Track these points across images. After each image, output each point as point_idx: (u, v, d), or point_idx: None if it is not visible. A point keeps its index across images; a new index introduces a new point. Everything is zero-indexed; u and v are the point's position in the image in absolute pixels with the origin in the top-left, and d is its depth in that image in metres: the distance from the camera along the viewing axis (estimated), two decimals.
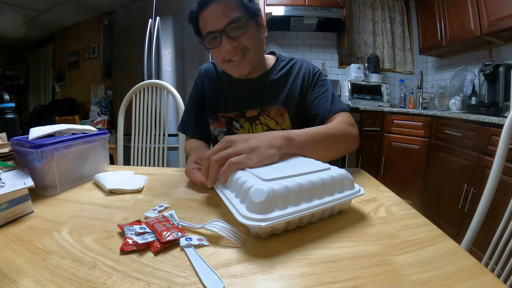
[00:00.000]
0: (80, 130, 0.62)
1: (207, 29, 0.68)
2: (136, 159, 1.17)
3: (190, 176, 0.58)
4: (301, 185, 0.37)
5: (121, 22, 2.19)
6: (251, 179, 0.38)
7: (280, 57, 0.85)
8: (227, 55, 0.70)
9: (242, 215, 0.35)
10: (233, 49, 0.68)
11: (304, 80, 0.79)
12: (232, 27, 0.66)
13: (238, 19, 0.66)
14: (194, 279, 0.28)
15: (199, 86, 0.88)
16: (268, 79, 0.80)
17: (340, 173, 0.41)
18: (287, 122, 0.79)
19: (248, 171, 0.42)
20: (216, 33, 0.67)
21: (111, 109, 2.60)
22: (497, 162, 0.64)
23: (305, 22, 2.60)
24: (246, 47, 0.70)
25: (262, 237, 0.36)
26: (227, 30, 0.66)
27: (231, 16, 0.65)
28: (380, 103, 2.55)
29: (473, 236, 0.65)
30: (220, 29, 0.66)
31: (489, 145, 1.40)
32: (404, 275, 0.29)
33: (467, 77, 2.17)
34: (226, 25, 0.65)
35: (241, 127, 0.82)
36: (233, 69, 0.73)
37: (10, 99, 1.02)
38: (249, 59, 0.72)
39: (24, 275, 0.28)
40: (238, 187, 0.39)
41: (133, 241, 0.33)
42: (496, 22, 1.71)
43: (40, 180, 0.50)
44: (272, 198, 0.35)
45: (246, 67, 0.72)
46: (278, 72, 0.81)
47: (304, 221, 0.39)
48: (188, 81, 1.91)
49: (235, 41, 0.67)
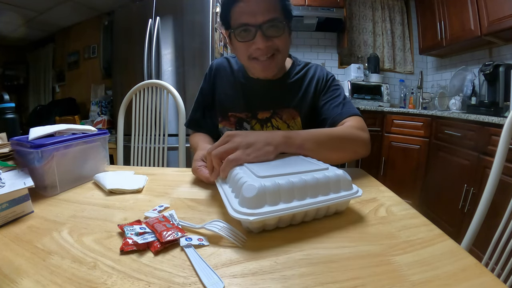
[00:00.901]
0: (80, 130, 0.62)
1: (242, 20, 0.65)
2: (136, 159, 1.17)
3: (197, 174, 0.59)
4: (293, 183, 0.38)
5: (121, 22, 2.18)
6: (246, 175, 0.40)
7: (296, 60, 0.84)
8: (255, 52, 0.67)
9: (234, 209, 0.36)
10: (266, 48, 0.66)
11: (318, 84, 0.79)
12: (269, 26, 0.64)
13: (278, 19, 0.64)
14: (194, 279, 0.28)
15: (209, 82, 0.86)
16: (285, 82, 0.79)
17: (337, 174, 0.41)
18: (298, 126, 0.79)
19: (246, 167, 0.43)
20: (251, 27, 0.64)
21: (111, 109, 2.60)
22: (497, 162, 0.64)
23: (305, 22, 2.60)
24: (278, 49, 0.68)
25: (254, 232, 0.38)
26: (264, 27, 0.64)
27: (272, 15, 0.63)
28: (380, 103, 2.55)
29: (473, 236, 0.65)
30: (257, 24, 0.63)
31: (489, 145, 1.40)
32: (404, 275, 0.29)
33: (467, 77, 2.16)
34: (265, 22, 0.63)
35: (251, 128, 0.80)
36: (259, 68, 0.71)
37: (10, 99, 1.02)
38: (277, 61, 0.70)
39: (24, 275, 0.28)
40: (234, 182, 0.41)
41: (133, 241, 0.33)
42: (496, 22, 1.71)
43: (40, 180, 0.50)
44: (263, 194, 0.36)
45: (274, 69, 0.71)
46: (294, 76, 0.80)
47: (297, 220, 0.40)
48: (188, 81, 1.91)
49: (269, 41, 0.65)
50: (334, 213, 0.43)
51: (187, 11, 1.90)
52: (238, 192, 0.38)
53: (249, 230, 0.38)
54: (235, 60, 0.86)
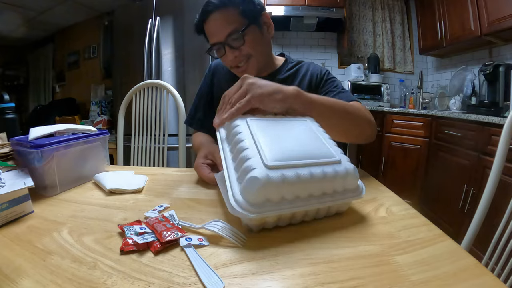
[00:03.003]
0: (80, 130, 0.62)
1: (212, 41, 0.72)
2: (136, 159, 1.17)
3: (199, 171, 0.59)
4: (300, 178, 0.36)
5: (121, 22, 2.18)
6: (253, 155, 0.37)
7: (289, 59, 0.87)
8: (232, 63, 0.74)
9: (235, 200, 0.35)
10: (236, 58, 0.72)
11: (311, 81, 0.81)
12: (231, 39, 0.69)
13: (236, 31, 0.68)
14: (194, 279, 0.28)
15: (208, 81, 0.90)
16: (275, 79, 0.82)
17: (347, 169, 0.40)
18: None
19: (252, 135, 0.41)
20: (219, 45, 0.70)
21: (111, 109, 2.60)
22: (497, 162, 0.64)
23: (305, 22, 2.60)
24: (248, 54, 0.72)
25: (254, 231, 0.37)
26: (228, 41, 0.69)
27: (229, 29, 0.68)
28: (380, 103, 2.55)
29: (473, 236, 0.65)
30: (221, 41, 0.69)
31: (489, 145, 1.40)
32: (404, 275, 0.29)
33: (467, 77, 2.16)
34: (226, 36, 0.69)
35: None
36: (240, 74, 0.76)
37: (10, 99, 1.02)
38: (253, 64, 0.75)
39: (24, 275, 0.28)
40: (240, 160, 0.38)
41: (133, 241, 0.33)
42: (496, 22, 1.71)
43: (40, 180, 0.50)
44: (267, 189, 0.34)
45: (251, 72, 0.75)
46: (286, 72, 0.83)
47: (298, 219, 0.39)
48: (188, 81, 1.91)
49: (236, 51, 0.71)
50: (335, 213, 0.43)
51: (187, 11, 1.90)
52: (242, 177, 0.36)
53: (248, 228, 0.38)
54: None
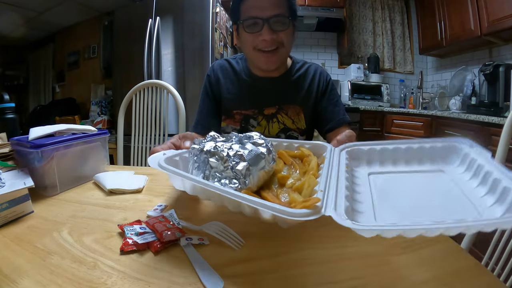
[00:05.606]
0: (80, 130, 0.62)
1: (251, 13, 0.70)
2: (136, 159, 1.17)
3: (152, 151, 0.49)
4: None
5: (121, 22, 2.18)
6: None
7: (295, 59, 0.88)
8: (261, 44, 0.72)
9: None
10: (271, 40, 0.71)
11: (319, 84, 0.84)
12: (276, 20, 0.69)
13: (284, 15, 0.70)
14: (194, 279, 0.28)
15: (213, 81, 0.86)
16: (288, 79, 0.83)
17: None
18: (302, 122, 0.83)
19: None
20: (259, 20, 0.69)
21: (111, 109, 2.59)
22: (497, 162, 0.64)
23: (305, 22, 2.60)
24: (282, 43, 0.73)
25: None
26: (270, 21, 0.69)
27: (278, 10, 0.69)
28: (380, 103, 2.55)
29: (473, 236, 0.65)
30: (264, 18, 0.69)
31: (489, 145, 1.39)
32: (404, 275, 0.29)
33: (467, 77, 2.16)
34: (272, 16, 0.69)
35: (258, 124, 0.83)
36: (263, 59, 0.75)
37: (10, 99, 1.02)
38: (280, 55, 0.75)
39: (24, 275, 0.28)
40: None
41: (133, 241, 0.33)
42: (496, 22, 1.71)
43: (40, 180, 0.50)
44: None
45: (276, 61, 0.75)
46: (296, 73, 0.84)
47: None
48: (188, 81, 1.91)
49: (274, 34, 0.70)
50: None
51: (187, 11, 1.90)
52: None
53: (246, 230, 0.37)
54: (235, 61, 0.88)
